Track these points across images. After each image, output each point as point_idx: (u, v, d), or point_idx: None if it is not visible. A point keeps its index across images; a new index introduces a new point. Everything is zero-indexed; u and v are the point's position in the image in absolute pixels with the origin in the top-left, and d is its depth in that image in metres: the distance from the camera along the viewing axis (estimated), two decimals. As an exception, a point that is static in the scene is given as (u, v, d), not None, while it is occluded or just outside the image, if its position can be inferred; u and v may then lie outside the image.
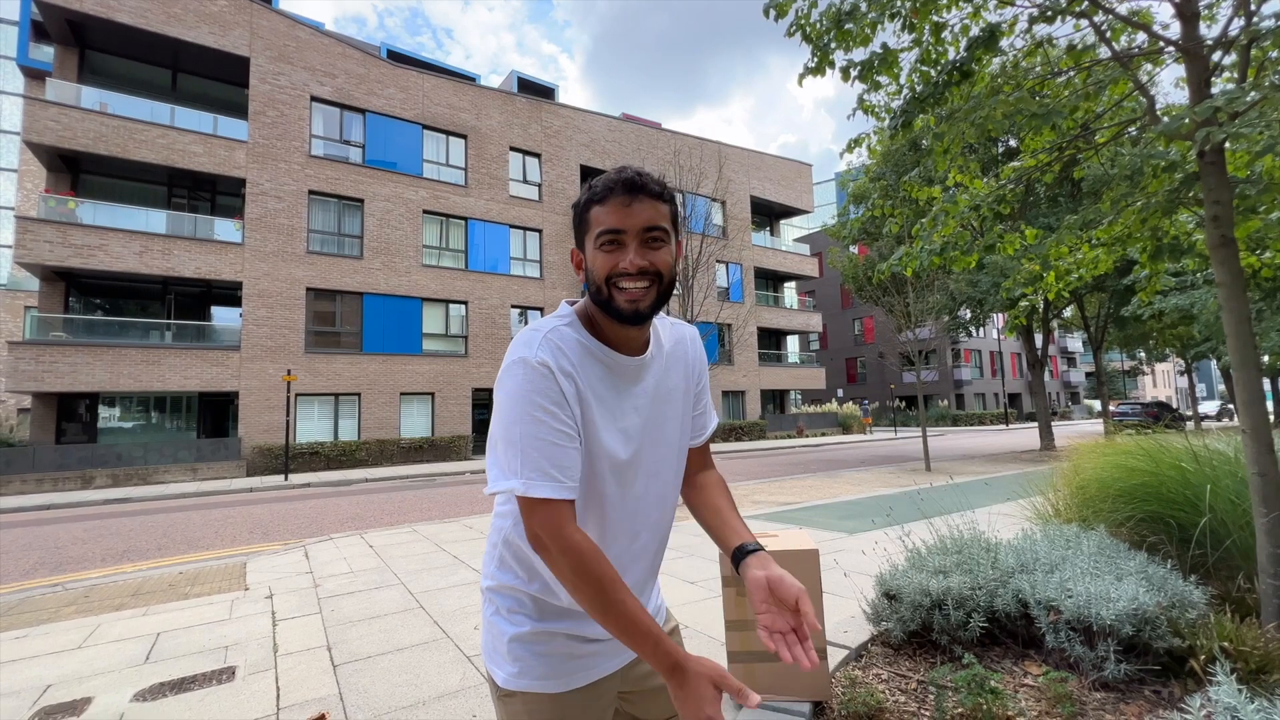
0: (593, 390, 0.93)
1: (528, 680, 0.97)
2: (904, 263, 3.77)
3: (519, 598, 1.00)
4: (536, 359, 0.88)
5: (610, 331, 0.96)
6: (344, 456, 17.14)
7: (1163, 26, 3.17)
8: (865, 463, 14.96)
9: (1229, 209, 2.55)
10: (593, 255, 0.93)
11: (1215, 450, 3.26)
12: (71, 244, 14.69)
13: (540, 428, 0.86)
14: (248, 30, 17.28)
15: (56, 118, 14.81)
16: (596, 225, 0.92)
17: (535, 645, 0.97)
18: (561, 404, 0.88)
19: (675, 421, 1.05)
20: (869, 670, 2.59)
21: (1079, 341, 52.31)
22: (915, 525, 3.87)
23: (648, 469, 1.00)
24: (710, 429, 1.15)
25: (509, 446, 0.87)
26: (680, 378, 1.06)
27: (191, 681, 2.92)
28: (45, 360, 14.28)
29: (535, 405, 0.87)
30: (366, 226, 18.80)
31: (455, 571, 4.89)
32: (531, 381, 0.87)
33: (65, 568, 5.94)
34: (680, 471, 1.08)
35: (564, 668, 0.98)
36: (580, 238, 0.96)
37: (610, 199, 0.91)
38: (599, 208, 0.92)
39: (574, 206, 0.97)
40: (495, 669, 1.00)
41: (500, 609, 1.01)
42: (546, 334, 0.92)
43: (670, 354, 1.05)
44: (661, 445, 1.02)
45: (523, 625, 0.98)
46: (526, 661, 0.97)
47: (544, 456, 0.85)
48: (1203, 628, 2.32)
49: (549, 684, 0.97)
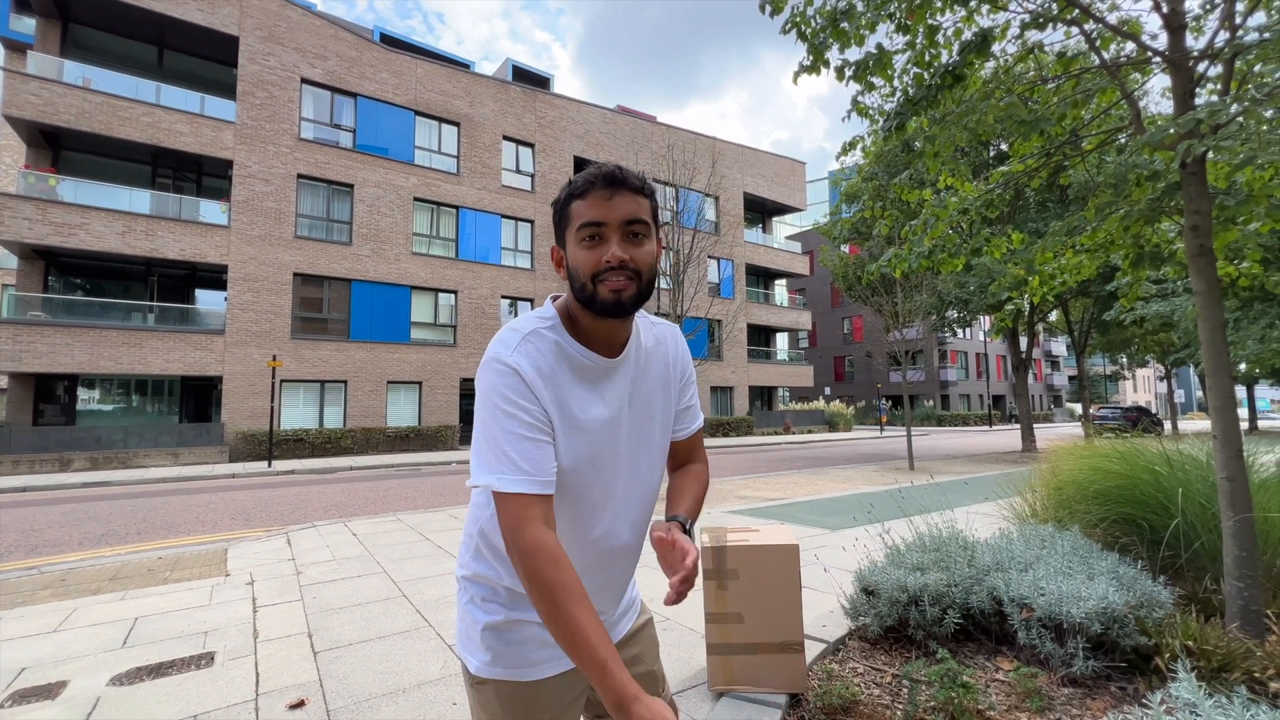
0: (568, 391, 0.94)
1: (500, 668, 0.98)
2: (893, 264, 3.81)
3: (493, 587, 1.01)
4: (511, 361, 0.90)
5: (591, 330, 0.97)
6: (329, 444, 17.01)
7: (1151, 37, 3.21)
8: (851, 460, 15.11)
9: (1208, 219, 2.60)
10: (574, 251, 0.93)
11: (1188, 455, 3.34)
12: (52, 222, 14.37)
13: (513, 423, 0.88)
14: (237, 8, 16.95)
15: (37, 92, 14.45)
16: (577, 219, 0.92)
17: (508, 634, 0.99)
18: (534, 403, 0.89)
19: (655, 422, 1.05)
20: (845, 664, 2.64)
21: (1063, 345, 53.07)
22: (896, 523, 3.93)
23: (627, 467, 1.01)
24: (695, 425, 1.15)
25: (484, 442, 0.89)
26: (660, 376, 1.07)
27: (170, 666, 2.90)
28: (23, 340, 14.00)
29: (508, 402, 0.88)
30: (356, 212, 18.59)
31: (438, 560, 4.88)
32: (505, 380, 0.89)
33: (41, 551, 5.86)
34: (660, 470, 1.09)
35: (535, 656, 0.99)
36: (561, 234, 0.97)
37: (591, 192, 0.91)
38: (579, 202, 0.92)
39: (554, 204, 0.98)
40: (468, 656, 1.02)
41: (475, 597, 1.02)
42: (525, 335, 0.93)
43: (650, 352, 1.06)
44: (641, 445, 1.03)
45: (496, 614, 0.99)
46: (499, 650, 0.98)
47: (517, 453, 0.86)
48: (1169, 627, 2.39)
49: (521, 672, 0.98)
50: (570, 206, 0.93)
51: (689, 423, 1.15)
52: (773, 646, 2.33)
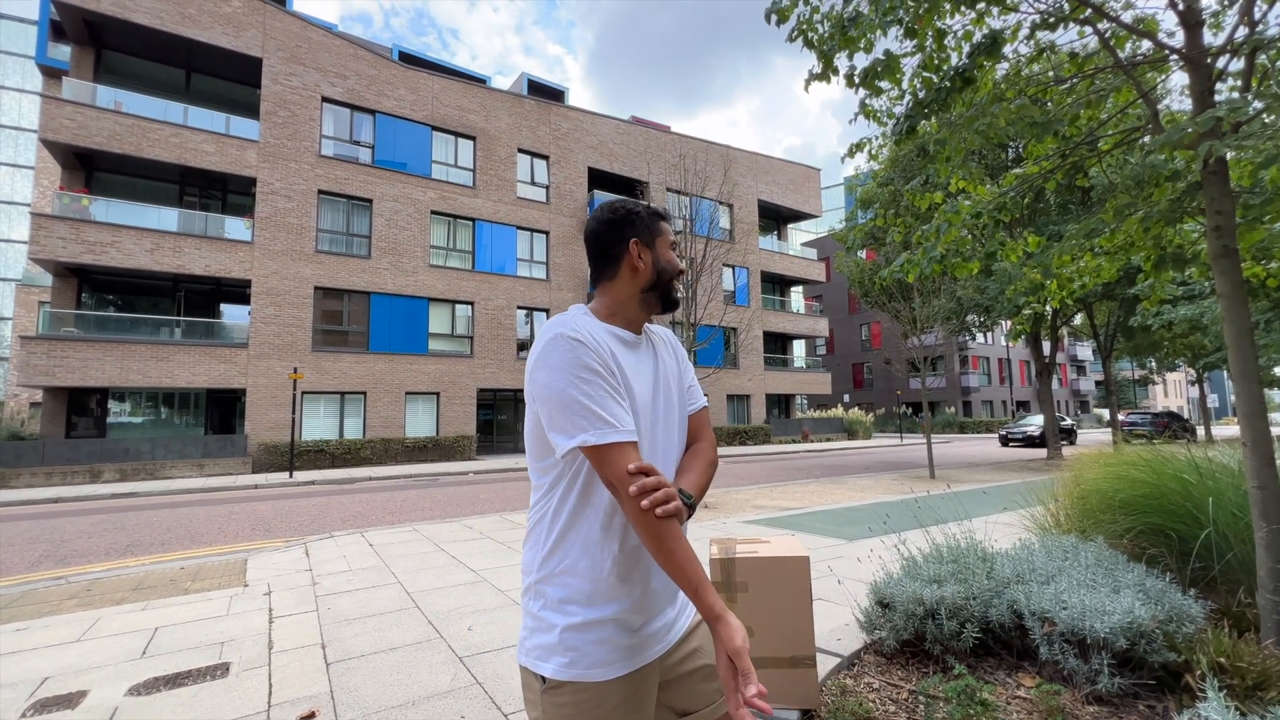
0: (617, 355, 1.09)
1: (579, 669, 1.01)
2: (905, 269, 3.76)
3: (568, 586, 1.05)
4: (574, 334, 1.03)
5: (624, 318, 1.17)
6: (349, 455, 17.23)
7: (1168, 34, 3.14)
8: (869, 469, 14.88)
9: (1231, 219, 2.52)
10: (666, 254, 1.19)
11: (1217, 462, 3.22)
12: (84, 241, 14.87)
13: (591, 386, 1.00)
14: (261, 31, 17.47)
15: (72, 116, 15.02)
16: (667, 234, 1.21)
17: (587, 634, 1.02)
18: (605, 364, 1.04)
19: (675, 392, 1.22)
20: (860, 679, 2.57)
21: (1089, 350, 51.81)
22: (913, 533, 3.84)
23: (663, 423, 1.16)
24: (699, 402, 1.30)
25: (566, 408, 1.00)
26: (671, 360, 1.26)
27: (186, 677, 2.94)
28: (57, 355, 14.46)
29: (584, 368, 1.01)
30: (375, 226, 18.93)
31: (452, 571, 4.90)
32: (575, 349, 1.02)
33: (70, 561, 6.00)
34: (684, 438, 1.22)
35: (610, 656, 1.03)
36: (650, 239, 1.19)
37: (666, 222, 1.22)
38: (665, 223, 1.21)
39: (633, 212, 1.19)
40: (541, 664, 1.03)
41: (550, 601, 1.05)
42: (572, 318, 1.09)
43: (659, 344, 1.26)
44: (670, 407, 1.19)
45: (575, 615, 1.03)
46: (580, 650, 1.02)
47: (603, 409, 0.99)
48: (1200, 643, 2.29)
49: (597, 672, 1.01)
50: (659, 224, 1.20)
51: (695, 399, 1.29)
52: (783, 661, 2.28)
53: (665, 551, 0.95)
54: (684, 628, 1.17)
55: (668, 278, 1.18)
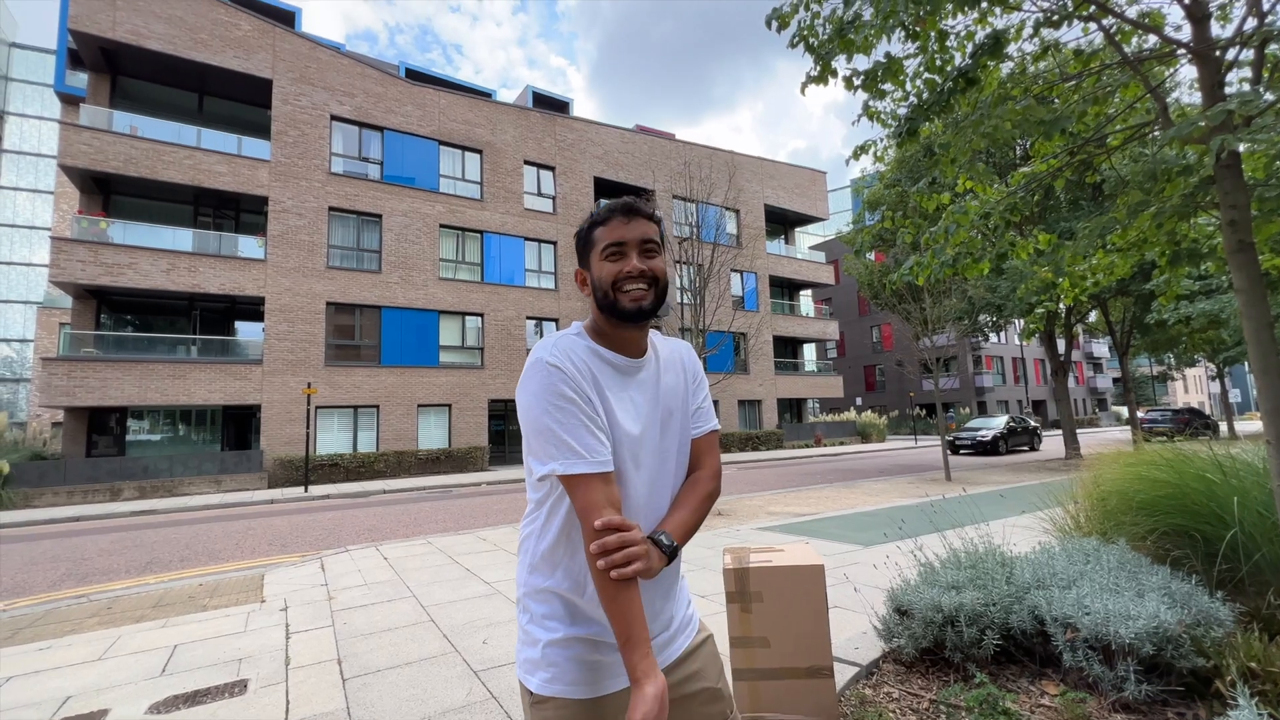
0: (603, 382, 1.05)
1: (560, 685, 1.01)
2: (914, 272, 3.73)
3: (551, 602, 1.05)
4: (553, 360, 1.01)
5: (615, 337, 1.09)
6: (362, 468, 17.35)
7: (1174, 28, 3.11)
8: (884, 472, 14.73)
9: (1246, 213, 2.48)
10: (599, 266, 1.07)
11: (1241, 460, 3.15)
12: (103, 263, 15.18)
13: (564, 414, 0.98)
14: (270, 53, 17.81)
15: (89, 141, 15.37)
16: (601, 241, 1.08)
17: (568, 650, 1.02)
18: (581, 393, 1.00)
19: (678, 416, 1.16)
20: (880, 689, 2.53)
21: (1105, 347, 51.05)
22: (930, 538, 3.79)
23: (658, 453, 1.10)
24: (708, 426, 1.22)
25: (540, 435, 0.99)
26: (678, 379, 1.18)
27: (205, 694, 2.96)
28: (77, 375, 14.73)
29: (559, 395, 0.99)
30: (385, 241, 19.14)
31: (466, 584, 4.90)
32: (552, 376, 0.99)
33: (91, 579, 6.08)
34: (684, 459, 1.16)
35: (594, 674, 1.02)
36: (585, 256, 1.11)
37: (612, 219, 1.07)
38: (602, 228, 1.08)
39: (577, 234, 1.13)
40: (528, 677, 1.04)
41: (535, 616, 1.06)
42: (557, 340, 1.06)
43: (667, 359, 1.18)
44: (668, 434, 1.13)
45: (556, 631, 1.03)
46: (560, 666, 1.01)
47: (573, 438, 0.97)
48: (1229, 647, 2.23)
49: (579, 689, 1.01)
50: (594, 232, 1.09)
51: (702, 422, 1.22)
52: (800, 671, 2.25)
53: (609, 601, 0.92)
54: (680, 649, 1.14)
55: (603, 291, 1.06)
